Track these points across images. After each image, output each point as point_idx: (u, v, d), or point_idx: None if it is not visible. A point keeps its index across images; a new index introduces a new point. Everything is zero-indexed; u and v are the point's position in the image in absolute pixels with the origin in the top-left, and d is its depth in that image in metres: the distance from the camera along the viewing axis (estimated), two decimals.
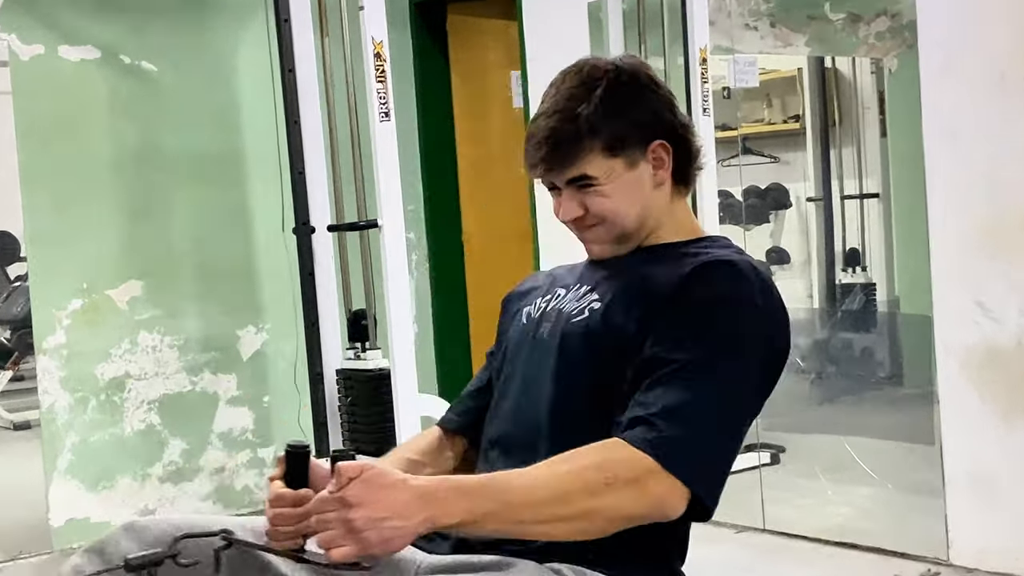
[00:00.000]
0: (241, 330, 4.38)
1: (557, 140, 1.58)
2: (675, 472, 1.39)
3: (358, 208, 3.81)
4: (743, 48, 4.47)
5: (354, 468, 1.29)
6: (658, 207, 1.64)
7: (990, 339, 3.11)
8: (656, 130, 1.61)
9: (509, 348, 1.72)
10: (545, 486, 1.36)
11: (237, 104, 4.37)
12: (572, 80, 1.61)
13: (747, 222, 4.72)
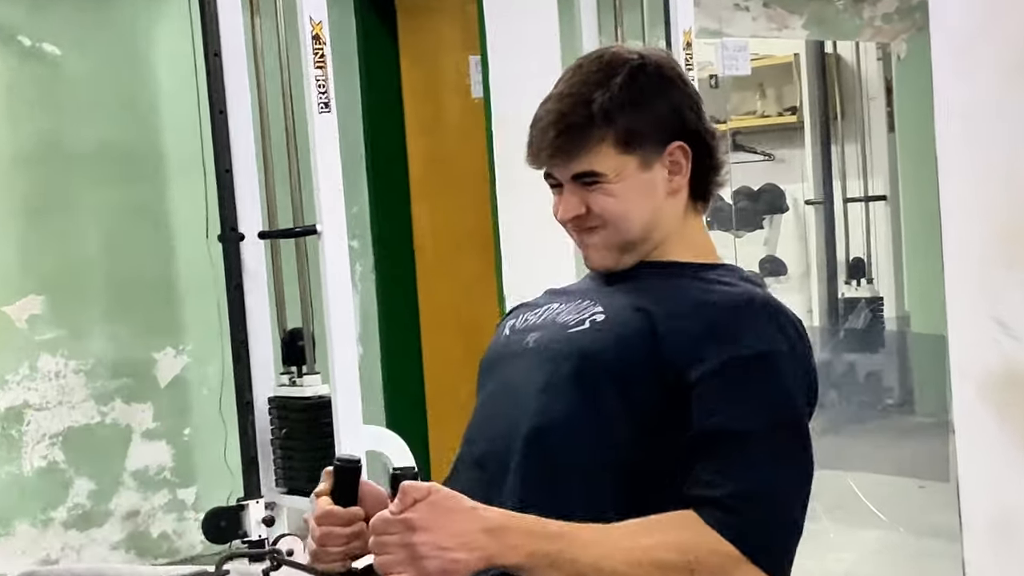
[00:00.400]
0: (158, 352, 4.35)
1: (567, 125, 1.60)
2: (762, 565, 1.46)
3: (294, 212, 3.80)
4: (733, 31, 4.50)
5: (421, 489, 1.36)
6: (669, 218, 1.66)
7: (1012, 361, 3.12)
8: (677, 130, 1.63)
9: (485, 361, 1.74)
10: (621, 559, 1.42)
11: (154, 92, 4.34)
12: (591, 65, 1.64)
13: (738, 228, 4.75)
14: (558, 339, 1.62)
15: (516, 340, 1.69)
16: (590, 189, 1.62)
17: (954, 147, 3.23)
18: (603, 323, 1.60)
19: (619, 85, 1.60)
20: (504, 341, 1.72)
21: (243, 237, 3.76)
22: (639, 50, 1.67)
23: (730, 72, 4.50)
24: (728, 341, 1.53)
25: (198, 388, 4.37)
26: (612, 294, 1.65)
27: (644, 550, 1.43)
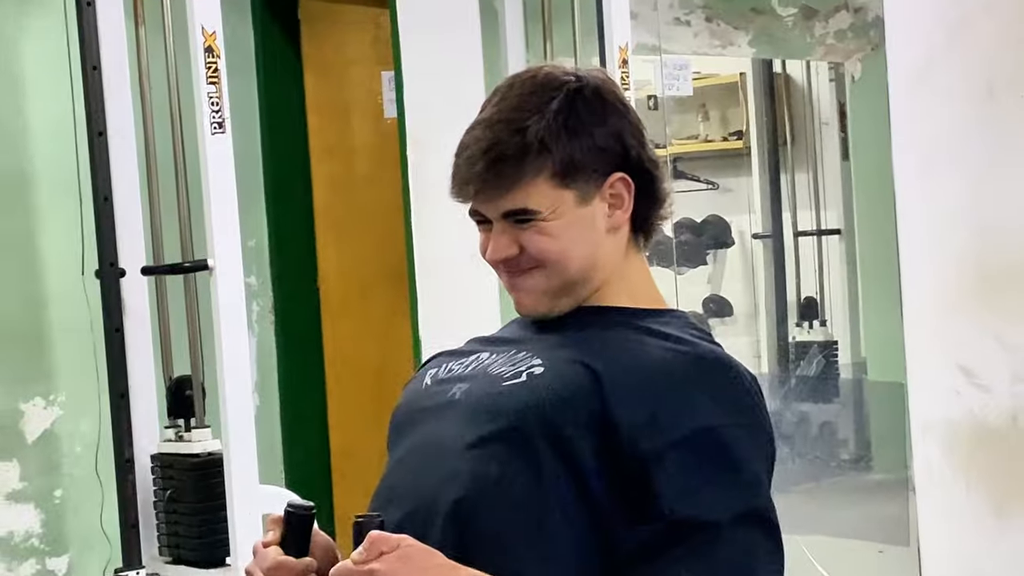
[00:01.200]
0: (25, 403, 4.29)
1: (498, 155, 1.57)
2: None
3: (182, 245, 3.77)
4: (673, 48, 4.55)
5: (391, 540, 1.38)
6: (609, 258, 1.65)
7: (977, 413, 3.17)
8: (618, 160, 1.62)
9: (400, 414, 1.72)
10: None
11: (22, 110, 4.30)
12: (524, 87, 1.62)
13: (679, 264, 4.78)
14: (490, 392, 1.59)
15: (439, 391, 1.66)
16: (523, 228, 1.60)
17: (913, 180, 3.29)
18: (541, 376, 1.57)
19: (555, 110, 1.58)
20: (424, 392, 1.70)
21: (124, 273, 3.73)
22: (576, 71, 1.65)
23: (670, 92, 4.55)
24: (687, 410, 1.53)
25: (71, 444, 4.32)
26: (549, 345, 1.63)
27: None
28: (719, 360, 1.60)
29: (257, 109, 4.87)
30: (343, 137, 5.07)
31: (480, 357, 1.68)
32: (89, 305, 3.87)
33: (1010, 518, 3.14)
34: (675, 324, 1.66)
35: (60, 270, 4.19)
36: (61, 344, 4.29)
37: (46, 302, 4.30)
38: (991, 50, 3.11)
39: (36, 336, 4.31)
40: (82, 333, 4.01)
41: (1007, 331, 3.11)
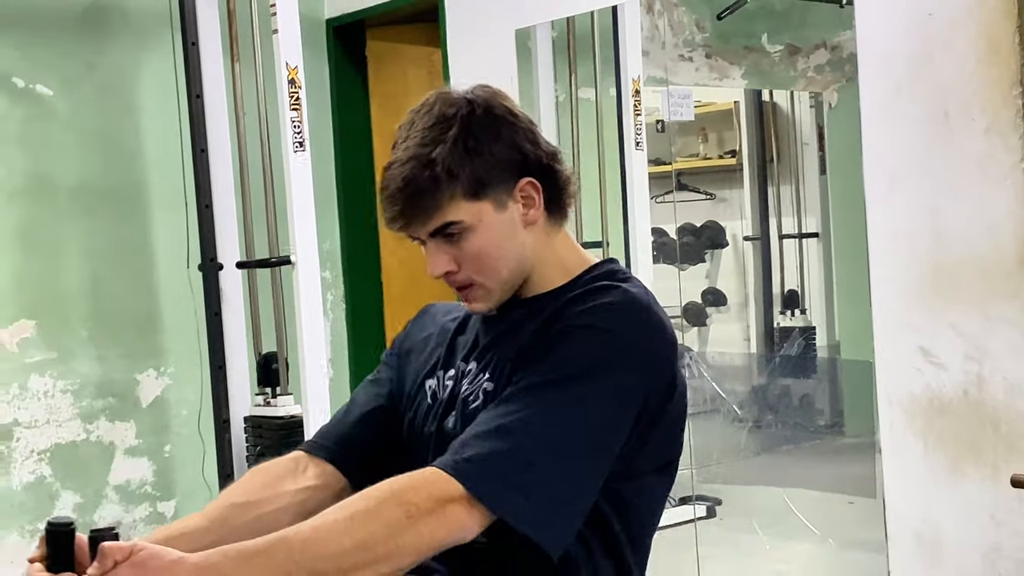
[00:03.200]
0: (141, 374, 4.31)
1: (414, 191, 1.51)
2: (480, 496, 1.37)
3: (269, 244, 3.78)
4: (678, 80, 4.52)
5: (121, 550, 1.24)
6: (534, 247, 1.58)
7: (935, 388, 3.13)
8: (520, 166, 1.55)
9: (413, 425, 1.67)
10: (347, 532, 1.32)
11: (139, 132, 4.31)
12: (423, 121, 1.54)
13: (682, 261, 4.75)
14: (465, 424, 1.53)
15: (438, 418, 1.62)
16: (453, 241, 1.53)
17: (880, 191, 3.26)
18: (492, 393, 1.53)
19: (455, 137, 1.51)
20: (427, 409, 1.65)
21: (222, 267, 3.75)
22: (465, 94, 1.56)
23: (675, 118, 4.51)
24: (547, 332, 1.50)
25: (178, 408, 4.33)
26: (497, 349, 1.57)
27: (365, 515, 1.34)
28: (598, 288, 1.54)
29: (331, 132, 4.88)
30: None
31: (458, 367, 1.63)
32: (193, 293, 3.89)
33: (962, 475, 3.10)
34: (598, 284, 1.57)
35: (169, 264, 4.21)
36: (170, 326, 4.31)
37: (158, 291, 4.33)
38: (947, 82, 3.06)
39: (149, 319, 4.33)
40: (187, 317, 4.03)
41: (959, 319, 3.08)
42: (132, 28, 4.29)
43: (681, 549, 3.78)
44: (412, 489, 1.36)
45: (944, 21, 3.05)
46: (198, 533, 1.54)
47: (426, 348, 1.72)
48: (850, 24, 3.29)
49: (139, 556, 1.24)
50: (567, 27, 4.25)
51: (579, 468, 1.43)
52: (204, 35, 3.74)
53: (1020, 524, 2.98)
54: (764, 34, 4.75)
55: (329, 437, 1.71)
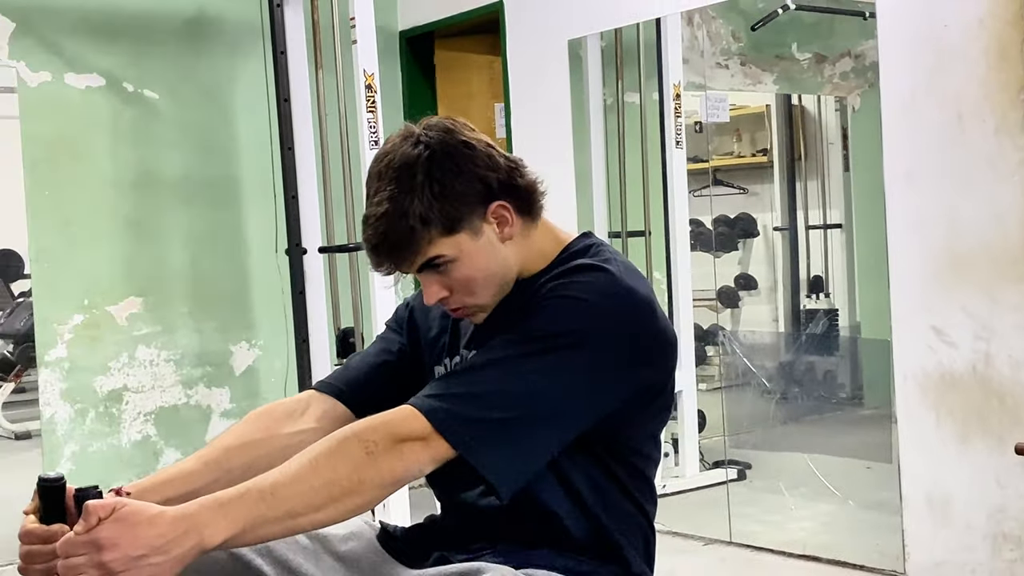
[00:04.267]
0: (234, 346, 4.36)
1: (393, 243, 1.44)
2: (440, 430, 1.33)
3: (348, 231, 3.80)
4: (715, 85, 4.48)
5: (104, 507, 1.20)
6: (515, 254, 1.51)
7: (946, 364, 3.11)
8: (487, 194, 1.47)
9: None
10: (312, 473, 1.29)
11: (234, 131, 4.35)
12: (388, 175, 1.45)
13: (717, 249, 4.72)
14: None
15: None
16: (440, 271, 1.47)
17: (898, 186, 3.23)
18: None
19: (421, 184, 1.43)
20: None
21: (306, 251, 3.77)
22: (419, 137, 1.47)
23: (712, 119, 4.48)
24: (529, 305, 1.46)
25: (267, 376, 4.38)
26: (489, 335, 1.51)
27: (328, 453, 1.31)
28: (580, 265, 1.49)
29: None
30: None
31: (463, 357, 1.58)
32: (280, 275, 3.92)
33: (969, 443, 3.08)
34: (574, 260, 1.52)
35: (260, 249, 4.24)
36: (260, 303, 4.35)
37: (249, 272, 4.37)
38: (960, 87, 3.03)
39: (242, 297, 4.37)
40: (275, 295, 4.06)
41: (970, 302, 3.05)
42: (228, 39, 4.34)
43: (715, 508, 3.78)
44: (372, 428, 1.33)
45: (958, 31, 3.02)
46: (192, 476, 1.50)
47: (432, 329, 1.66)
48: (872, 34, 3.26)
49: (121, 512, 1.20)
50: (615, 38, 4.23)
51: (537, 425, 1.38)
52: (291, 45, 3.76)
53: (1023, 488, 2.95)
54: (794, 44, 4.71)
55: (339, 378, 1.68)
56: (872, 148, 3.34)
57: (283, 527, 1.28)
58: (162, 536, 1.20)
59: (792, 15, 4.24)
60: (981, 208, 3.00)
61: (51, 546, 1.27)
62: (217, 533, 1.22)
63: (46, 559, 1.29)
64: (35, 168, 3.96)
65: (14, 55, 3.90)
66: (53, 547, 1.25)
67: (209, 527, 1.22)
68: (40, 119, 3.97)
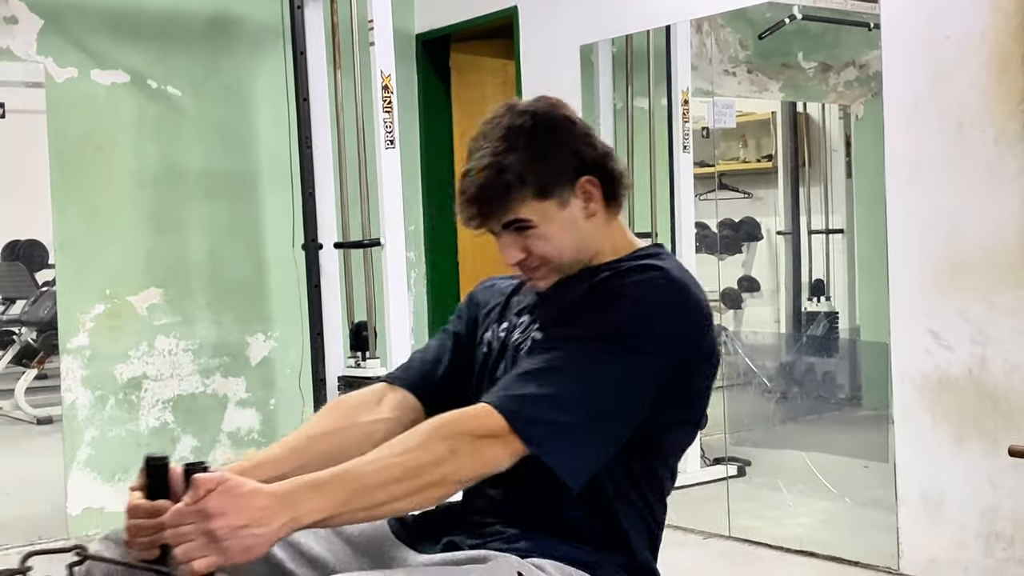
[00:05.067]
0: (251, 337, 4.37)
1: (489, 195, 1.51)
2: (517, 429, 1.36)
3: (363, 227, 3.81)
4: (722, 92, 4.49)
5: (211, 480, 1.24)
6: (593, 235, 1.57)
7: (943, 367, 3.11)
8: (580, 168, 1.54)
9: (474, 375, 1.68)
10: (396, 464, 1.33)
11: (254, 128, 4.37)
12: (493, 133, 1.54)
13: (721, 252, 4.73)
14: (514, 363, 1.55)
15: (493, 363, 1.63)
16: (524, 235, 1.53)
17: (900, 193, 3.23)
18: (541, 341, 1.54)
19: (523, 147, 1.51)
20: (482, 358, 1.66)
21: (322, 246, 3.79)
22: (529, 106, 1.56)
23: (719, 125, 4.49)
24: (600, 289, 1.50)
25: (282, 367, 4.39)
26: (548, 307, 1.58)
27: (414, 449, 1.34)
28: (652, 264, 1.53)
29: (418, 131, 4.90)
30: None
31: (511, 320, 1.64)
32: (297, 269, 3.93)
33: (964, 445, 3.08)
34: (642, 258, 1.58)
35: (277, 243, 4.26)
36: (277, 296, 4.36)
37: (267, 266, 4.38)
38: (962, 97, 3.03)
39: (259, 289, 4.38)
40: (291, 288, 4.07)
41: (966, 306, 3.05)
42: (249, 39, 4.35)
43: (715, 503, 3.78)
44: (455, 423, 1.37)
45: (960, 43, 3.02)
46: (277, 462, 1.54)
47: (490, 303, 1.72)
48: (877, 45, 3.26)
49: (226, 485, 1.24)
50: (626, 44, 4.24)
51: (603, 426, 1.42)
52: (311, 46, 3.77)
53: (1015, 488, 2.96)
54: (800, 53, 4.71)
55: (409, 371, 1.73)
56: (874, 155, 3.34)
57: (367, 513, 1.34)
58: (262, 509, 1.24)
59: (798, 25, 4.23)
60: (980, 216, 3.00)
61: (156, 520, 1.32)
62: (310, 513, 1.27)
63: (150, 532, 1.34)
64: (61, 161, 3.98)
65: (42, 51, 3.92)
66: (157, 521, 1.30)
67: (303, 506, 1.27)
68: (66, 114, 3.99)
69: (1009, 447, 1.82)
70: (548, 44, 4.27)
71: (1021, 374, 2.93)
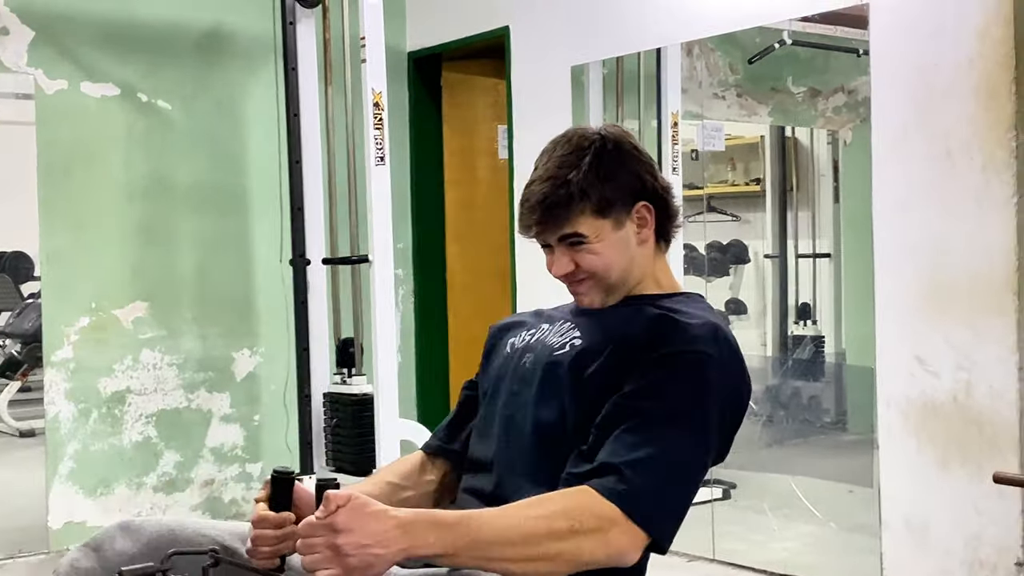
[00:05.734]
0: (236, 352, 4.35)
1: (551, 204, 1.58)
2: (639, 523, 1.41)
3: (351, 244, 3.81)
4: (711, 115, 4.50)
5: (342, 497, 1.29)
6: (641, 262, 1.65)
7: (928, 392, 3.11)
8: (639, 193, 1.62)
9: (493, 373, 1.73)
10: (516, 528, 1.37)
11: (244, 143, 4.36)
12: (563, 148, 1.62)
13: (709, 274, 4.73)
14: (547, 359, 1.61)
15: (517, 358, 1.69)
16: (576, 249, 1.61)
17: (887, 218, 3.24)
18: (580, 347, 1.59)
19: (588, 164, 1.58)
20: (507, 357, 1.72)
21: (309, 262, 3.78)
22: (598, 130, 1.65)
23: (708, 148, 4.50)
24: (665, 343, 1.52)
25: (267, 383, 4.37)
26: (589, 321, 1.64)
27: (535, 519, 1.38)
28: (706, 319, 1.58)
29: (408, 149, 4.90)
30: (468, 172, 5.07)
31: (541, 328, 1.70)
32: (284, 284, 3.92)
33: (949, 471, 3.08)
34: (687, 303, 1.66)
35: (265, 258, 4.25)
36: (263, 311, 4.35)
37: (254, 281, 4.37)
38: (950, 124, 3.04)
39: (246, 305, 4.37)
40: (278, 304, 4.07)
41: (952, 332, 3.05)
42: (241, 54, 4.35)
43: (700, 525, 3.77)
44: (579, 506, 1.40)
45: (949, 70, 3.03)
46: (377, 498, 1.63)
47: (514, 328, 1.78)
48: (866, 71, 3.28)
49: (356, 503, 1.29)
50: (616, 66, 4.25)
51: (693, 489, 1.51)
52: (302, 62, 3.77)
53: (999, 515, 2.95)
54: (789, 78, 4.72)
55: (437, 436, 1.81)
56: (862, 181, 3.35)
57: (475, 565, 1.37)
58: (386, 532, 1.29)
59: (788, 50, 4.25)
60: (966, 242, 3.01)
61: (280, 531, 1.42)
62: (424, 547, 1.32)
63: (275, 542, 1.43)
64: (49, 173, 3.96)
65: (32, 63, 3.91)
66: (282, 532, 1.41)
67: (419, 539, 1.31)
68: (56, 126, 3.97)
69: (994, 474, 1.81)
70: (539, 64, 4.27)
71: (1006, 400, 2.93)
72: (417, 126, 4.91)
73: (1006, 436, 2.93)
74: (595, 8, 4.04)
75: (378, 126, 3.55)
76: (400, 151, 4.74)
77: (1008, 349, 2.92)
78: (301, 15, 3.76)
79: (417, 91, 4.92)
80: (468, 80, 4.99)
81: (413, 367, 4.94)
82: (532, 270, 4.30)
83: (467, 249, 5.04)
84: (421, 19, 4.83)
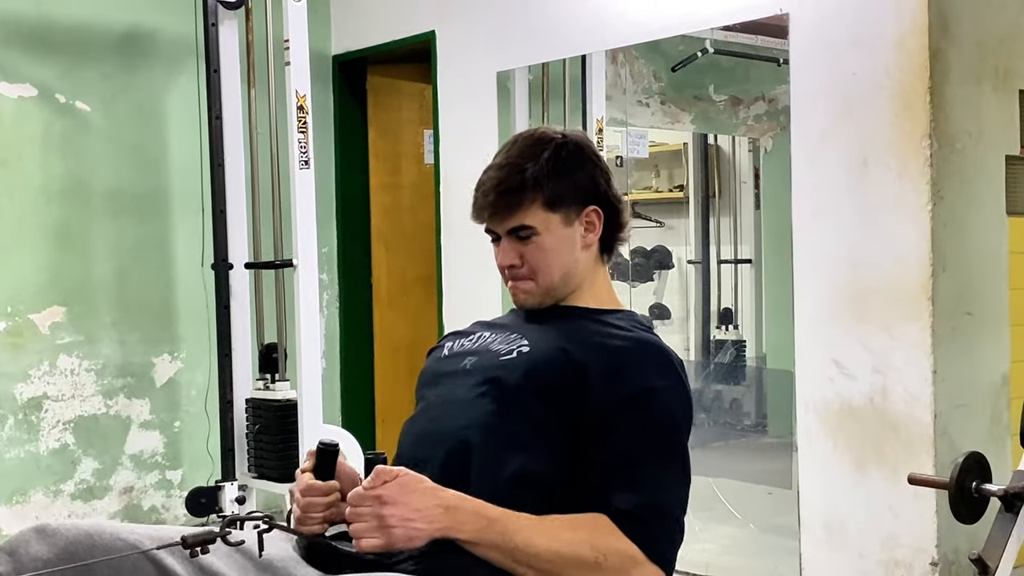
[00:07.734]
0: (157, 358, 4.27)
1: (504, 190, 1.60)
2: (657, 562, 1.46)
3: (275, 248, 3.76)
4: (635, 122, 4.53)
5: (392, 471, 1.37)
6: (582, 268, 1.66)
7: (845, 395, 3.16)
8: (592, 196, 1.64)
9: (425, 375, 1.71)
10: (547, 543, 1.42)
11: (165, 145, 4.28)
12: (524, 142, 1.65)
13: (633, 279, 4.76)
14: (491, 364, 1.60)
15: (454, 361, 1.67)
16: (524, 243, 1.62)
17: (805, 225, 3.28)
18: (528, 354, 1.59)
19: (547, 158, 1.61)
20: (443, 360, 1.70)
21: (232, 266, 3.72)
22: (563, 131, 1.67)
23: (632, 155, 4.53)
24: (627, 379, 1.53)
25: (188, 388, 4.30)
26: (534, 331, 1.64)
27: (564, 542, 1.43)
28: (650, 344, 1.61)
29: (333, 152, 4.86)
30: (394, 176, 5.04)
31: (484, 336, 1.69)
32: (205, 289, 3.86)
33: (866, 471, 3.12)
34: (625, 319, 1.67)
35: (186, 262, 4.18)
36: (184, 316, 4.28)
37: (175, 285, 4.29)
38: (867, 132, 3.10)
39: (167, 309, 4.29)
40: (199, 309, 4.00)
41: (869, 337, 3.10)
42: (162, 55, 4.27)
43: None
44: (604, 543, 1.44)
45: (866, 80, 3.09)
46: None
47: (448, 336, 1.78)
48: (785, 80, 3.32)
49: (404, 478, 1.37)
50: (542, 72, 4.25)
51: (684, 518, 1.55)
52: (225, 64, 3.71)
53: (915, 516, 3.00)
54: (711, 86, 4.78)
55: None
56: (782, 188, 3.40)
57: (502, 562, 1.42)
58: (430, 508, 1.37)
59: (710, 59, 4.30)
60: (883, 249, 3.06)
61: (327, 499, 1.48)
62: (463, 532, 1.39)
63: (323, 510, 1.48)
64: None
65: None
66: (329, 500, 1.48)
67: (459, 522, 1.39)
68: None
69: (909, 475, 1.84)
70: (465, 69, 4.26)
71: (921, 403, 2.98)
72: (342, 130, 4.87)
73: (921, 438, 2.99)
74: (521, 14, 4.03)
75: (302, 129, 3.50)
76: (325, 155, 4.69)
77: (923, 353, 2.97)
78: (224, 16, 3.70)
79: (342, 95, 4.87)
80: (394, 84, 4.96)
81: (338, 372, 4.89)
82: (459, 274, 4.28)
83: (393, 254, 5.01)
84: (346, 22, 4.79)
